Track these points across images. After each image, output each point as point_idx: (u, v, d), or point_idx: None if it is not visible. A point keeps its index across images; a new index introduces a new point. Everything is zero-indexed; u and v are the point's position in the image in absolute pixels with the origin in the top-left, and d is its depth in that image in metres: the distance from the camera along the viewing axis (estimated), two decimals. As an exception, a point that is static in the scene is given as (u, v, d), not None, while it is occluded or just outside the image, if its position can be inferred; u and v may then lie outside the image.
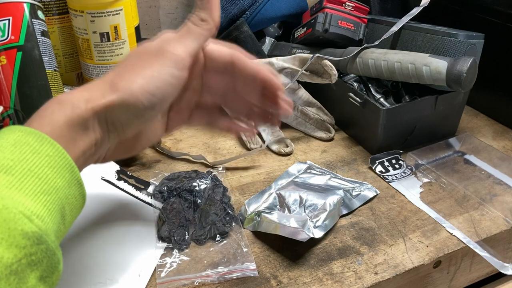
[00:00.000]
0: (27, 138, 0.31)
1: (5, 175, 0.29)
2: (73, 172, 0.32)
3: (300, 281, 0.45)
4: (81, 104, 0.33)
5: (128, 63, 0.37)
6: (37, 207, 0.29)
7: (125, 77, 0.35)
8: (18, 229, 0.27)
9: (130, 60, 0.37)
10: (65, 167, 0.32)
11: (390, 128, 0.63)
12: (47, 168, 0.30)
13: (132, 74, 0.35)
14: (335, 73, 0.63)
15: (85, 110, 0.33)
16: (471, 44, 0.63)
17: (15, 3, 0.54)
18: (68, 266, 0.44)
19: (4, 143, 0.30)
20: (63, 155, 0.31)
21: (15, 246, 0.27)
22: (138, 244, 0.48)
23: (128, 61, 0.37)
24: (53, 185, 0.30)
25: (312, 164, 0.62)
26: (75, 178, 0.32)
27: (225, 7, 0.75)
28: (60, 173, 0.31)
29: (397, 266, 0.47)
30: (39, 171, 0.30)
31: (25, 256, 0.27)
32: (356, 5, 0.72)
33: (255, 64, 0.42)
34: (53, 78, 0.55)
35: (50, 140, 0.31)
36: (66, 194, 0.32)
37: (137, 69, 0.36)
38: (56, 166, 0.31)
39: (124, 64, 0.37)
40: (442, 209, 0.55)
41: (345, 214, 0.54)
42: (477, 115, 0.77)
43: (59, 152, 0.31)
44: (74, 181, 0.32)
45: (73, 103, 0.33)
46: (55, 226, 0.30)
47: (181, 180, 0.56)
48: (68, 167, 0.32)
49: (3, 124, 0.53)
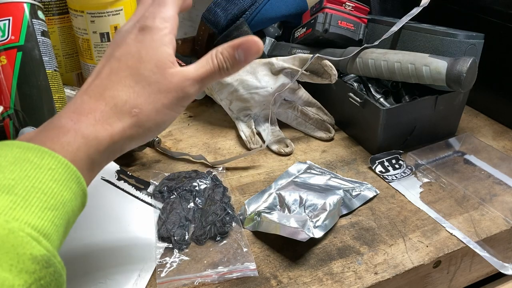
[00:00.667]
0: (26, 154, 0.30)
1: (8, 195, 0.27)
2: (80, 182, 0.31)
3: (300, 281, 0.45)
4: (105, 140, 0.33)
5: (137, 79, 0.35)
6: (45, 225, 0.28)
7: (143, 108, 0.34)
8: (27, 253, 0.26)
9: (137, 75, 0.35)
10: (71, 178, 0.31)
11: (390, 128, 0.63)
12: (52, 182, 0.29)
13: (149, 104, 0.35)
14: (335, 73, 0.63)
15: (108, 146, 0.33)
16: (471, 44, 0.63)
17: (15, 3, 0.54)
18: (68, 266, 0.44)
19: (3, 162, 0.29)
20: (67, 166, 0.31)
21: (25, 272, 0.26)
22: (138, 244, 0.48)
23: (135, 75, 0.35)
24: (60, 199, 0.30)
25: (312, 164, 0.62)
26: (81, 189, 0.32)
27: (225, 7, 0.75)
28: (66, 185, 0.30)
29: (397, 266, 0.47)
30: (43, 186, 0.29)
31: (35, 281, 0.26)
32: (356, 5, 0.72)
33: None
34: (53, 78, 0.55)
35: (51, 153, 0.30)
36: (72, 207, 0.31)
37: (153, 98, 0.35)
38: (61, 179, 0.30)
39: (132, 80, 0.35)
40: (442, 209, 0.55)
41: (345, 214, 0.54)
42: (477, 115, 0.77)
43: (62, 164, 0.30)
44: (80, 192, 0.32)
45: (98, 139, 0.33)
46: (60, 242, 0.30)
47: (181, 180, 0.56)
48: (74, 178, 0.31)
49: (3, 124, 0.53)
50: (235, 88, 0.66)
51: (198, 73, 0.36)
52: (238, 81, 0.66)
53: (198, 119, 0.74)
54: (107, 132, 0.33)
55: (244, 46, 0.36)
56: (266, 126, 0.69)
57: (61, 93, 0.56)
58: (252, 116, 0.70)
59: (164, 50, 0.35)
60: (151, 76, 0.35)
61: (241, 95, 0.67)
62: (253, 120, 0.69)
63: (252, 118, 0.70)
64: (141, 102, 0.34)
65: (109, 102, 0.34)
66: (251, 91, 0.66)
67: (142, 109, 0.34)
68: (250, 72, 0.66)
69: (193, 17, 0.90)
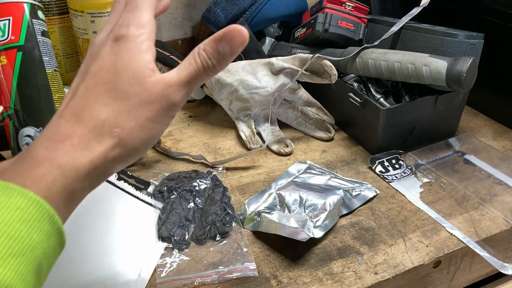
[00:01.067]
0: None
1: None
2: (53, 221, 0.28)
3: (300, 281, 0.45)
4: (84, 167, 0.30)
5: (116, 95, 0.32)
6: (7, 275, 0.25)
7: (125, 126, 0.31)
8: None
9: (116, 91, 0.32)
10: (43, 218, 0.27)
11: (390, 128, 0.63)
12: (19, 224, 0.26)
13: (131, 120, 0.31)
14: (335, 73, 0.63)
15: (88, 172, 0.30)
16: (471, 44, 0.63)
17: (15, 3, 0.54)
18: (68, 266, 0.44)
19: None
20: (39, 204, 0.27)
21: None
22: (138, 244, 0.48)
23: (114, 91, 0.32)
24: (27, 244, 0.26)
25: (312, 164, 0.62)
26: (55, 228, 0.28)
27: (225, 7, 0.75)
28: (37, 226, 0.27)
29: (397, 266, 0.47)
30: (9, 229, 0.26)
31: None
32: (356, 5, 0.72)
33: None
34: (53, 78, 0.55)
35: (20, 190, 0.27)
36: (44, 249, 0.27)
37: (134, 113, 0.32)
38: (31, 219, 0.27)
39: (110, 98, 0.32)
40: (442, 209, 0.55)
41: (345, 214, 0.54)
42: (477, 115, 0.77)
43: (33, 202, 0.27)
44: (54, 232, 0.28)
45: (76, 167, 0.29)
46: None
47: (181, 180, 0.56)
48: (47, 218, 0.28)
49: (3, 124, 0.53)
50: (235, 88, 0.66)
51: (181, 77, 0.33)
52: (238, 81, 0.66)
53: (198, 119, 0.74)
54: (86, 158, 0.30)
55: (227, 37, 0.32)
56: (266, 126, 0.69)
57: (61, 93, 0.56)
58: (252, 116, 0.70)
59: (141, 57, 0.32)
60: (129, 89, 0.32)
61: (241, 95, 0.67)
62: (253, 120, 0.70)
63: (252, 118, 0.70)
64: (121, 120, 0.31)
65: (87, 124, 0.31)
66: (251, 91, 0.66)
67: (123, 127, 0.31)
68: (250, 72, 0.66)
69: (193, 17, 0.90)
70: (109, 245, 0.48)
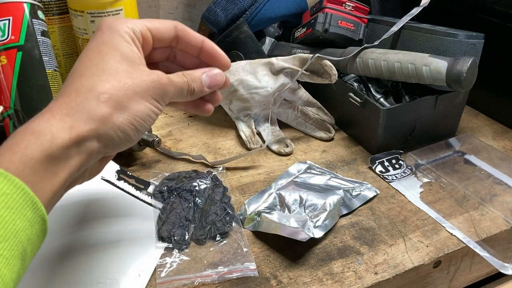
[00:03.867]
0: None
1: None
2: (36, 208, 0.28)
3: (300, 281, 0.45)
4: (63, 134, 0.30)
5: (113, 71, 0.33)
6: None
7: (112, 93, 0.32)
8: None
9: (113, 66, 0.33)
10: (26, 204, 0.28)
11: (390, 128, 0.63)
12: (3, 210, 0.27)
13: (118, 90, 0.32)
14: (335, 73, 0.63)
15: (69, 140, 0.30)
16: (471, 44, 0.63)
17: (15, 3, 0.54)
18: (68, 266, 0.44)
19: None
20: (23, 191, 0.28)
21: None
22: (138, 244, 0.48)
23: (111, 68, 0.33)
24: (11, 229, 0.27)
25: (312, 164, 0.62)
26: (38, 215, 0.29)
27: (225, 7, 0.75)
28: (20, 212, 0.27)
29: (397, 266, 0.47)
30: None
31: None
32: (356, 5, 0.72)
33: (198, 34, 0.40)
34: (53, 78, 0.55)
35: (6, 175, 0.27)
36: (27, 235, 0.28)
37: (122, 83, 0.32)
38: (15, 205, 0.27)
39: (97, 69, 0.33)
40: (442, 209, 0.55)
41: (345, 214, 0.54)
42: (477, 115, 0.77)
43: (18, 188, 0.27)
44: (38, 219, 0.29)
45: (53, 133, 0.29)
46: (14, 275, 0.27)
47: (181, 180, 0.56)
48: (30, 204, 0.28)
49: (3, 124, 0.53)
50: (235, 88, 0.66)
51: (171, 79, 0.36)
52: (238, 81, 0.66)
53: (198, 119, 0.74)
54: (66, 124, 0.30)
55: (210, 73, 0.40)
56: (266, 126, 0.69)
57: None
58: (252, 116, 0.70)
59: (127, 46, 0.34)
60: (118, 66, 0.33)
61: (241, 95, 0.67)
62: (253, 120, 0.70)
63: (252, 118, 0.70)
64: (109, 87, 0.31)
65: (70, 93, 0.31)
66: (251, 91, 0.66)
67: (111, 94, 0.31)
68: (250, 72, 0.66)
69: (193, 17, 0.90)
70: (109, 245, 0.47)
